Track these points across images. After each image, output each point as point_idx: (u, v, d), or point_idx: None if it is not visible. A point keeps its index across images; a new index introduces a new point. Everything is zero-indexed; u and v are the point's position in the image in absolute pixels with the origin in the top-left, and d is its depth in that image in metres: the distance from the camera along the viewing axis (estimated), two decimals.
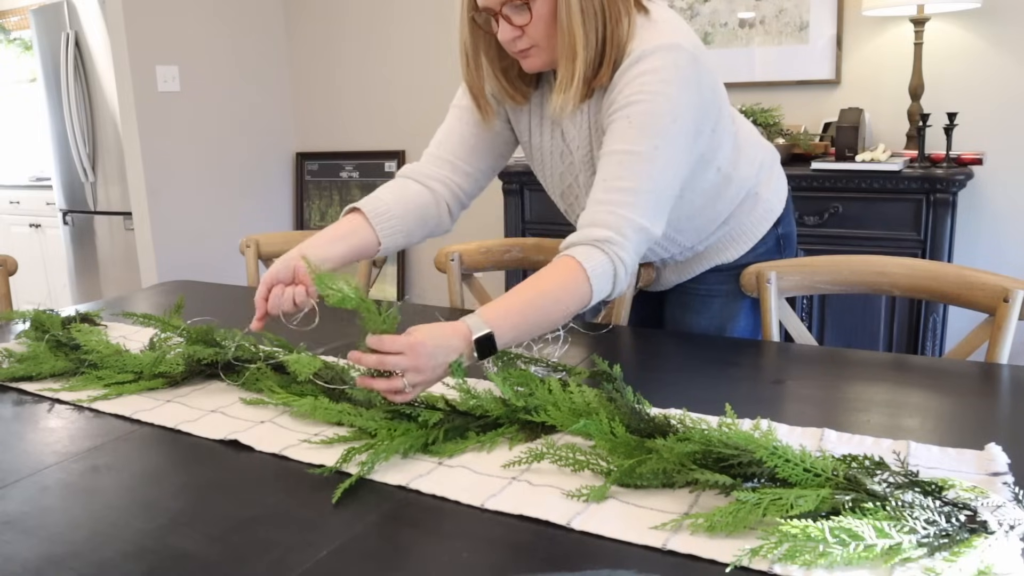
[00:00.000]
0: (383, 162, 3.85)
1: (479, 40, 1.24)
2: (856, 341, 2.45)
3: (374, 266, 1.93)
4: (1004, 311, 1.23)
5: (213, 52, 3.66)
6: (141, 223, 3.52)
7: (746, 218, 1.40)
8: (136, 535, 0.78)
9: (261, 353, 1.20)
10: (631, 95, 1.14)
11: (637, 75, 1.14)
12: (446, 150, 1.36)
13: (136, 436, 1.03)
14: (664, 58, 1.13)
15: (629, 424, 0.89)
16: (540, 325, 1.08)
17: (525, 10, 1.14)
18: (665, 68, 1.13)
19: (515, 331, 1.05)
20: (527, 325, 1.06)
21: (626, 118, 1.14)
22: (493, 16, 1.17)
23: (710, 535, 0.73)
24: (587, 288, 1.09)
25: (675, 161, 1.15)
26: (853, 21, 2.74)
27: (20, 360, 1.28)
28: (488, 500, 0.82)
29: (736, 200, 1.37)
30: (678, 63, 1.14)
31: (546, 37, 1.16)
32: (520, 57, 1.21)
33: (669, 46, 1.14)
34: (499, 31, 1.17)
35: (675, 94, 1.13)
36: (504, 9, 1.15)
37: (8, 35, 5.50)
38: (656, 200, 1.14)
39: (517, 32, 1.16)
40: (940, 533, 0.67)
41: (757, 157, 1.39)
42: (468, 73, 1.27)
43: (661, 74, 1.13)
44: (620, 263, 1.11)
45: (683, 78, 1.14)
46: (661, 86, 1.13)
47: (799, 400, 1.08)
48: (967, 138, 2.58)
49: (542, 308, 1.07)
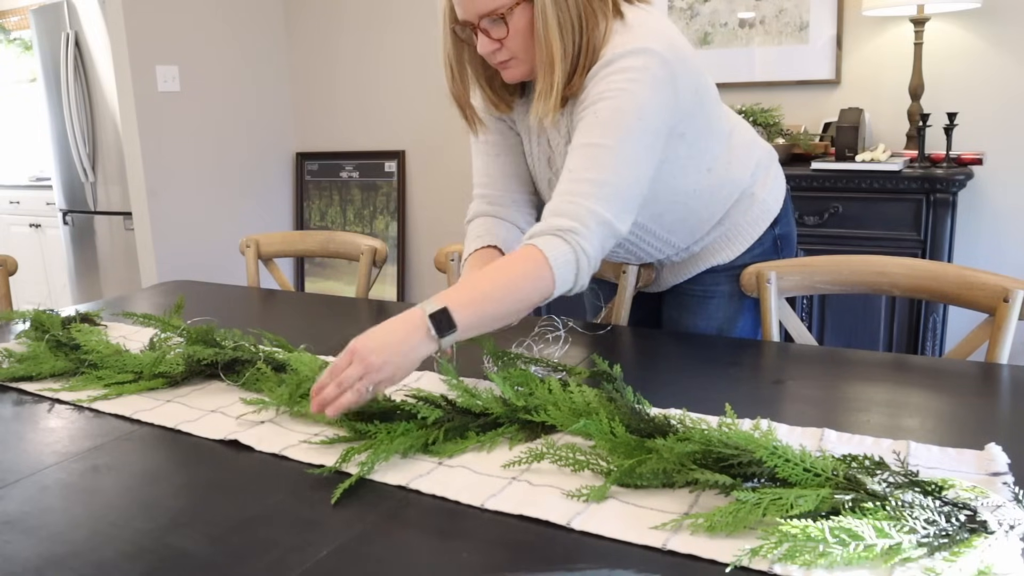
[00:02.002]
0: (383, 162, 3.85)
1: (462, 52, 1.26)
2: (856, 341, 2.45)
3: (374, 266, 1.93)
4: (1004, 311, 1.23)
5: (213, 52, 3.66)
6: (141, 223, 3.52)
7: (741, 219, 1.40)
8: (136, 535, 0.78)
9: (261, 353, 1.20)
10: (599, 93, 1.15)
11: (605, 76, 1.15)
12: (496, 187, 1.40)
13: (136, 436, 1.03)
14: (634, 60, 1.14)
15: (629, 424, 0.89)
16: (499, 310, 1.07)
17: (502, 23, 1.15)
18: (634, 68, 1.14)
19: (472, 309, 1.03)
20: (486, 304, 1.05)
21: (593, 114, 1.15)
22: (472, 29, 1.18)
23: (710, 535, 0.73)
24: (549, 277, 1.08)
25: (638, 157, 1.15)
26: (853, 21, 2.74)
27: (20, 360, 1.28)
28: (488, 500, 0.82)
29: (730, 201, 1.37)
30: (648, 65, 1.14)
31: (524, 49, 1.18)
32: (500, 68, 1.23)
33: (639, 50, 1.14)
34: (478, 44, 1.19)
35: (641, 92, 1.14)
36: (482, 23, 1.16)
37: (8, 35, 5.50)
38: (618, 193, 1.13)
39: (496, 45, 1.18)
40: (940, 533, 0.67)
41: (753, 157, 1.39)
42: (453, 85, 1.29)
43: (629, 74, 1.14)
44: (583, 253, 1.10)
45: (652, 77, 1.14)
46: (628, 84, 1.13)
47: (799, 400, 1.08)
48: (967, 138, 2.58)
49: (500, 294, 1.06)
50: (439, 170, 3.71)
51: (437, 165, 3.71)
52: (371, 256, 1.92)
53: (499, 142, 1.39)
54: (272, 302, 1.82)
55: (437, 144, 3.68)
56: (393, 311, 1.73)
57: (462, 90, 1.29)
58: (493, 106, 1.32)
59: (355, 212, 3.93)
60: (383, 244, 1.94)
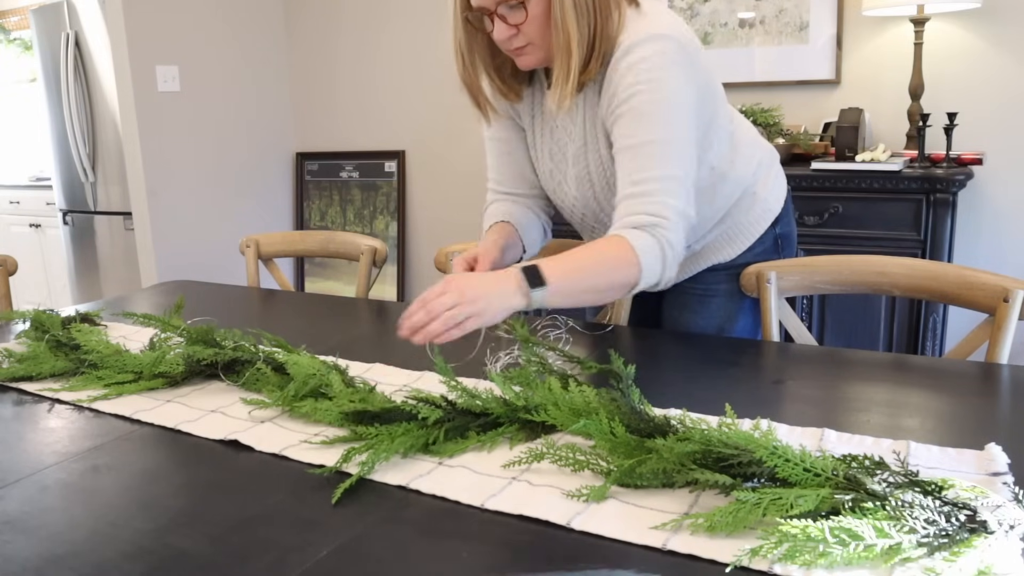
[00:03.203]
0: (383, 162, 3.85)
1: (473, 39, 1.26)
2: (856, 341, 2.45)
3: (374, 266, 1.93)
4: (1004, 311, 1.23)
5: (213, 52, 3.66)
6: (141, 223, 3.52)
7: (743, 217, 1.40)
8: (136, 535, 0.78)
9: (261, 353, 1.20)
10: (629, 87, 1.16)
11: (629, 66, 1.16)
12: (506, 185, 1.44)
13: (136, 436, 1.03)
14: (652, 47, 1.16)
15: (629, 424, 0.89)
16: (586, 282, 1.11)
17: (520, 9, 1.16)
18: (654, 56, 1.15)
19: (562, 273, 1.07)
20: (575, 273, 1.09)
21: (631, 110, 1.16)
22: (488, 16, 1.19)
23: (710, 535, 0.73)
24: (636, 265, 1.11)
25: (688, 143, 1.19)
26: (853, 21, 2.74)
27: (20, 360, 1.28)
28: (488, 500, 0.82)
29: (732, 198, 1.38)
30: (665, 51, 1.16)
31: (540, 35, 1.18)
32: (515, 55, 1.23)
33: (656, 36, 1.16)
34: (494, 30, 1.19)
35: (670, 79, 1.16)
36: (499, 9, 1.17)
37: (8, 35, 5.50)
38: (683, 184, 1.17)
39: (512, 31, 1.18)
40: (940, 533, 0.67)
41: (755, 156, 1.39)
42: (465, 72, 1.29)
43: (652, 61, 1.15)
44: (668, 245, 1.13)
45: (673, 63, 1.16)
46: (657, 72, 1.15)
47: (799, 400, 1.08)
48: (967, 138, 2.58)
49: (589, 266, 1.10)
50: (439, 170, 3.71)
51: (437, 165, 3.71)
52: (371, 256, 1.92)
53: (510, 139, 1.41)
54: (272, 302, 1.82)
55: (437, 144, 3.68)
56: (393, 311, 1.73)
57: (473, 77, 1.30)
58: (502, 95, 1.33)
59: (355, 212, 3.93)
60: (383, 244, 1.94)
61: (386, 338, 1.46)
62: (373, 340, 1.49)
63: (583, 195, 1.35)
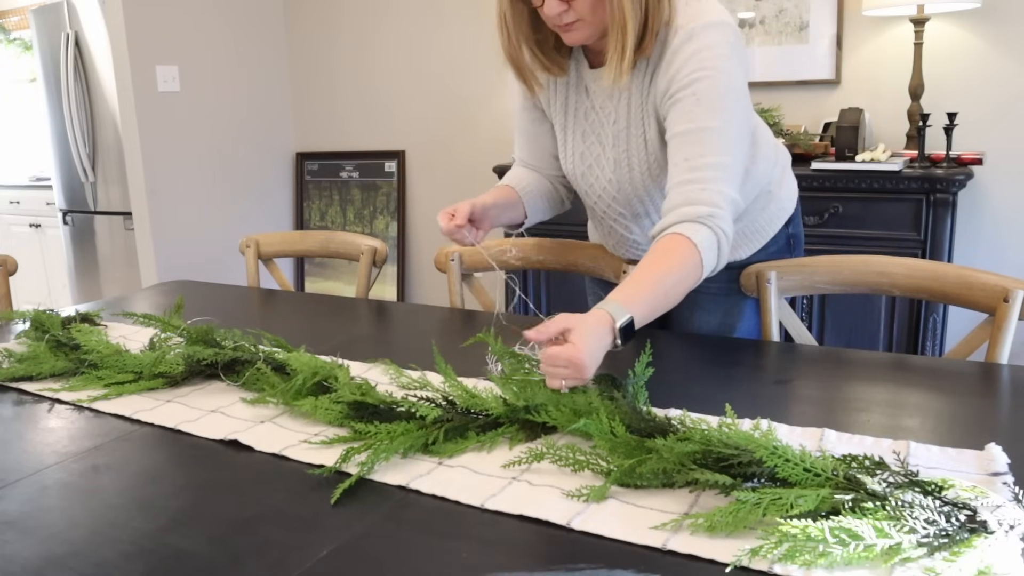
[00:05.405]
0: (383, 162, 3.85)
1: (518, 13, 1.26)
2: (856, 341, 2.45)
3: (374, 266, 1.93)
4: (1004, 311, 1.23)
5: (213, 52, 3.66)
6: (141, 223, 3.52)
7: (759, 216, 1.41)
8: (136, 535, 0.78)
9: (261, 353, 1.20)
10: (691, 73, 1.18)
11: (693, 53, 1.18)
12: (528, 157, 1.48)
13: (136, 436, 1.03)
14: (716, 35, 1.18)
15: (629, 424, 0.89)
16: (666, 305, 1.13)
17: None
18: (719, 44, 1.18)
19: (650, 311, 1.09)
20: (658, 306, 1.11)
21: (692, 95, 1.18)
22: None
23: (710, 535, 0.73)
24: (700, 263, 1.13)
25: (743, 132, 1.21)
26: (853, 21, 2.74)
27: (20, 360, 1.28)
28: (488, 500, 0.82)
29: (750, 197, 1.37)
30: (728, 39, 1.19)
31: (592, 11, 1.19)
32: (563, 31, 1.24)
33: (719, 23, 1.19)
34: (546, 5, 1.20)
35: (732, 69, 1.19)
36: None
37: (8, 35, 5.50)
38: (736, 172, 1.19)
39: (563, 6, 1.19)
40: (940, 533, 0.67)
41: (771, 155, 1.41)
42: (509, 45, 1.29)
43: (716, 49, 1.17)
44: (723, 234, 1.15)
45: (735, 53, 1.19)
46: (719, 61, 1.18)
47: (799, 400, 1.08)
48: (967, 138, 2.58)
49: (669, 288, 1.12)
50: (439, 170, 3.71)
51: (437, 165, 3.71)
52: (371, 256, 1.92)
53: (542, 119, 1.43)
54: (272, 302, 1.82)
55: (437, 144, 3.68)
56: (393, 311, 1.73)
57: (518, 51, 1.30)
58: (544, 70, 1.33)
59: (355, 212, 3.93)
60: (383, 244, 1.94)
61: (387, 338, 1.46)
62: (373, 340, 1.49)
63: (619, 178, 1.34)
